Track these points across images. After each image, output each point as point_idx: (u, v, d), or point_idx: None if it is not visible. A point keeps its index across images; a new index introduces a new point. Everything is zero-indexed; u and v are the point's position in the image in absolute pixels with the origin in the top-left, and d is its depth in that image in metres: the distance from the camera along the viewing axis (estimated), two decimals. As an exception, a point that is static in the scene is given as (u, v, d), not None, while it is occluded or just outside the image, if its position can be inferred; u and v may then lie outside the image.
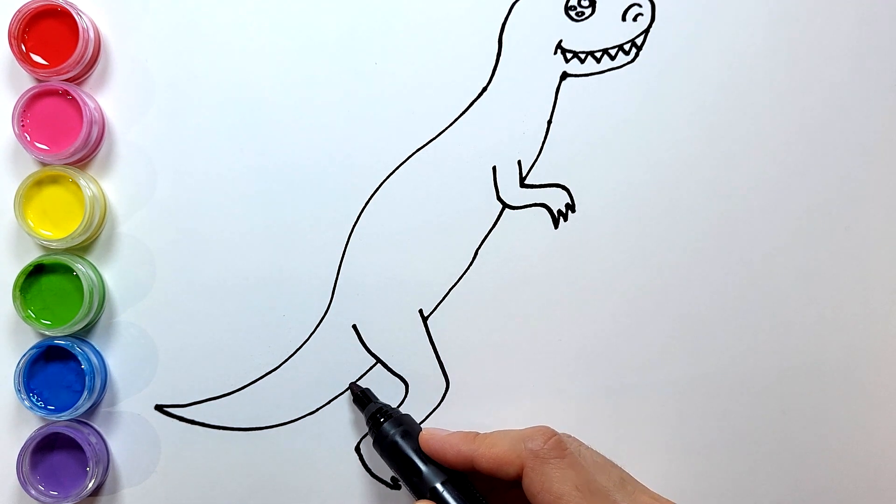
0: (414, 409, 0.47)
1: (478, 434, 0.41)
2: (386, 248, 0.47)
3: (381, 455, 0.43)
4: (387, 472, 0.47)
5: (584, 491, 0.37)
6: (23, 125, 0.45)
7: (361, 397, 0.46)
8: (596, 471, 0.38)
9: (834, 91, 0.47)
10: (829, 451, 0.47)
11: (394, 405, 0.47)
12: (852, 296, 0.47)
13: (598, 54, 0.47)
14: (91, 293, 0.44)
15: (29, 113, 0.45)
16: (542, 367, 0.47)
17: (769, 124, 0.47)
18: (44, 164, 0.46)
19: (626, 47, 0.47)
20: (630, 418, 0.47)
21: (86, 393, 0.44)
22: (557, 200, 0.47)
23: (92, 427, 0.47)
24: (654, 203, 0.47)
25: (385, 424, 0.43)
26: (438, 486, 0.40)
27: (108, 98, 0.47)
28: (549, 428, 0.39)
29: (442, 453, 0.41)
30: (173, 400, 0.47)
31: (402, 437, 0.42)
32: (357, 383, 0.47)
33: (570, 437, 0.40)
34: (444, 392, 0.47)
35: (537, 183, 0.47)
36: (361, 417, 0.47)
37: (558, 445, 0.38)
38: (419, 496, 0.41)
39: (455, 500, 0.40)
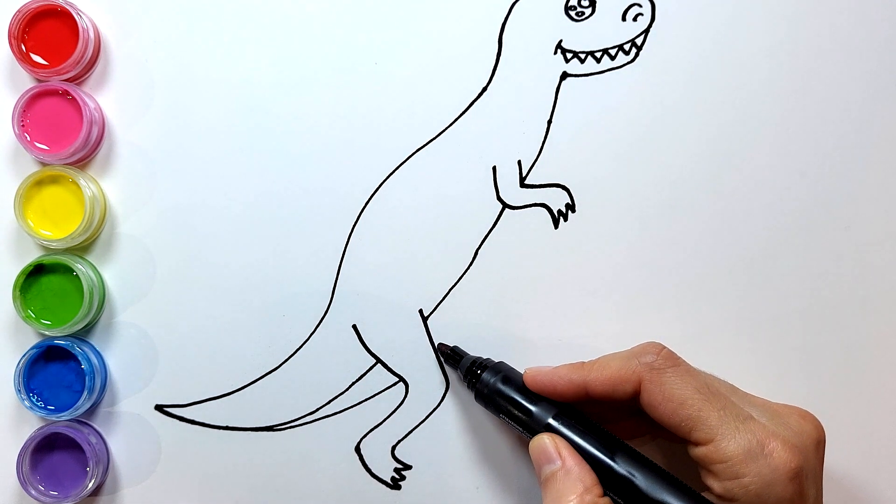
0: (414, 409, 0.47)
1: (583, 362, 0.41)
2: (386, 248, 0.47)
3: (486, 405, 0.44)
4: (387, 472, 0.47)
5: (705, 392, 0.38)
6: (23, 125, 0.45)
7: (452, 355, 0.46)
8: (708, 377, 0.39)
9: (834, 91, 0.47)
10: (829, 450, 0.47)
11: (394, 405, 0.47)
12: (852, 296, 0.47)
13: (598, 54, 0.47)
14: (91, 293, 0.45)
15: (29, 113, 0.45)
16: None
17: (769, 124, 0.47)
18: (44, 164, 0.46)
19: (626, 47, 0.47)
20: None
21: (86, 393, 0.44)
22: (557, 200, 0.47)
23: (92, 427, 0.47)
24: (654, 203, 0.47)
25: (484, 374, 0.43)
26: (552, 420, 0.41)
27: (108, 98, 0.47)
28: (657, 342, 0.40)
29: (552, 386, 0.41)
30: (173, 400, 0.47)
31: (504, 382, 0.43)
32: (443, 343, 0.47)
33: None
34: (444, 392, 0.47)
35: (537, 183, 0.47)
36: (362, 417, 0.47)
37: (671, 356, 0.39)
38: (534, 434, 0.41)
39: (571, 429, 0.40)
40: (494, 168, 0.47)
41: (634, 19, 0.47)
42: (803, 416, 0.38)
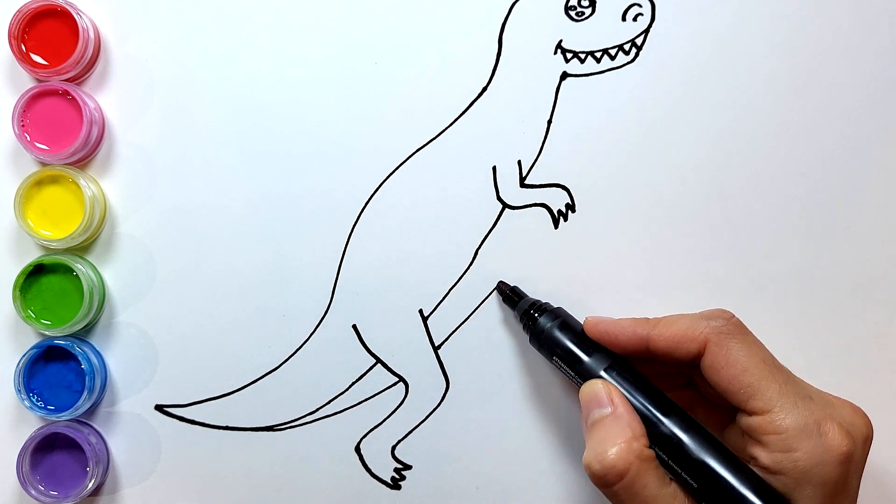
0: (414, 409, 0.47)
1: (648, 318, 0.41)
2: (386, 248, 0.47)
3: (540, 349, 0.44)
4: (387, 472, 0.47)
5: (769, 364, 0.38)
6: (23, 125, 0.45)
7: (511, 296, 0.46)
8: (772, 355, 0.39)
9: (834, 91, 0.47)
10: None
11: (394, 405, 0.47)
12: (852, 296, 0.47)
13: (598, 54, 0.47)
14: (91, 293, 0.45)
15: (29, 113, 0.45)
16: (543, 368, 0.47)
17: (769, 124, 0.47)
18: (44, 164, 0.46)
19: (626, 47, 0.47)
20: (630, 418, 0.47)
21: (86, 393, 0.44)
22: (557, 200, 0.47)
23: (92, 427, 0.47)
24: (654, 203, 0.47)
25: (542, 318, 0.43)
26: (606, 369, 0.41)
27: (108, 98, 0.47)
28: (727, 310, 0.40)
29: (613, 336, 0.41)
30: (173, 400, 0.47)
31: (561, 328, 0.42)
32: (504, 281, 0.46)
33: None
34: (444, 392, 0.47)
35: (537, 183, 0.47)
36: (362, 417, 0.47)
37: (740, 324, 0.39)
38: (585, 381, 0.41)
39: (624, 380, 0.40)
40: (494, 168, 0.47)
41: (634, 19, 0.47)
42: (855, 410, 0.38)
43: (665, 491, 0.37)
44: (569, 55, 0.47)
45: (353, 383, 0.47)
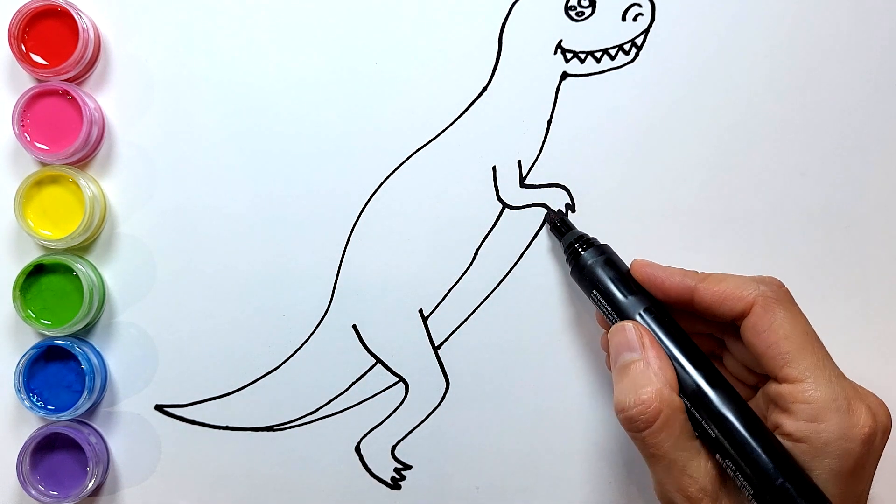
0: (414, 409, 0.47)
1: (696, 271, 0.41)
2: (386, 248, 0.47)
3: (580, 282, 0.43)
4: (387, 472, 0.47)
5: (811, 337, 0.38)
6: (23, 125, 0.45)
7: (560, 226, 0.45)
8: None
9: (834, 91, 0.47)
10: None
11: (394, 405, 0.47)
12: (852, 296, 0.47)
13: (598, 54, 0.47)
14: (91, 293, 0.45)
15: (29, 113, 0.45)
16: (543, 367, 0.47)
17: (769, 124, 0.47)
18: (44, 164, 0.46)
19: (626, 47, 0.47)
20: (630, 418, 0.47)
21: (86, 393, 0.44)
22: (557, 200, 0.47)
23: (92, 427, 0.47)
24: (653, 203, 0.47)
25: (587, 252, 0.43)
26: (644, 312, 0.40)
27: (108, 98, 0.47)
28: (777, 278, 0.40)
29: (659, 280, 0.41)
30: (173, 400, 0.47)
31: (606, 264, 0.42)
32: (553, 210, 0.46)
33: None
34: (444, 392, 0.47)
35: (537, 183, 0.47)
36: (362, 417, 0.47)
37: (789, 295, 0.39)
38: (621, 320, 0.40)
39: (661, 326, 0.40)
40: (494, 168, 0.47)
41: (634, 19, 0.47)
42: (879, 401, 0.38)
43: (691, 444, 0.37)
44: (569, 55, 0.47)
45: (353, 383, 0.47)
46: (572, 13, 0.47)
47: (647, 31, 0.47)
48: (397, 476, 0.47)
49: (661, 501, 0.38)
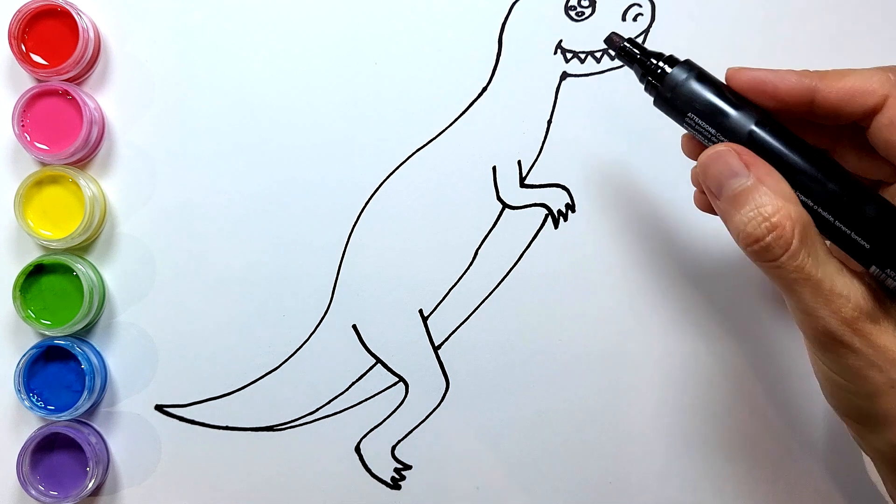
0: (414, 409, 0.47)
1: (809, 70, 0.35)
2: (386, 248, 0.47)
3: (670, 109, 0.36)
4: (387, 472, 0.47)
5: None
6: (23, 125, 0.45)
7: (626, 48, 0.37)
8: None
9: (834, 91, 0.47)
10: (828, 450, 0.47)
11: (394, 405, 0.47)
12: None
13: (598, 54, 0.47)
14: (91, 293, 0.45)
15: (29, 113, 0.45)
16: (543, 367, 0.47)
17: (769, 124, 0.47)
18: (44, 164, 0.46)
19: (627, 47, 0.47)
20: (631, 418, 0.47)
21: (86, 393, 0.44)
22: (557, 200, 0.47)
23: (92, 427, 0.47)
24: (654, 203, 0.47)
25: (675, 69, 0.36)
26: (755, 127, 0.34)
27: (108, 98, 0.47)
28: None
29: (771, 85, 0.35)
30: (173, 400, 0.47)
31: (700, 79, 0.35)
32: (616, 33, 0.38)
33: None
34: (443, 392, 0.47)
35: (537, 183, 0.47)
36: (362, 417, 0.47)
37: None
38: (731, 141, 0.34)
39: (779, 137, 0.34)
40: (494, 168, 0.47)
41: (634, 19, 0.47)
42: None
43: (832, 263, 0.32)
44: (569, 55, 0.47)
45: (353, 383, 0.47)
46: (572, 13, 0.47)
47: (647, 31, 0.47)
48: (397, 476, 0.47)
49: (811, 335, 0.33)
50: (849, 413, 0.35)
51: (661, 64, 0.36)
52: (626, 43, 0.38)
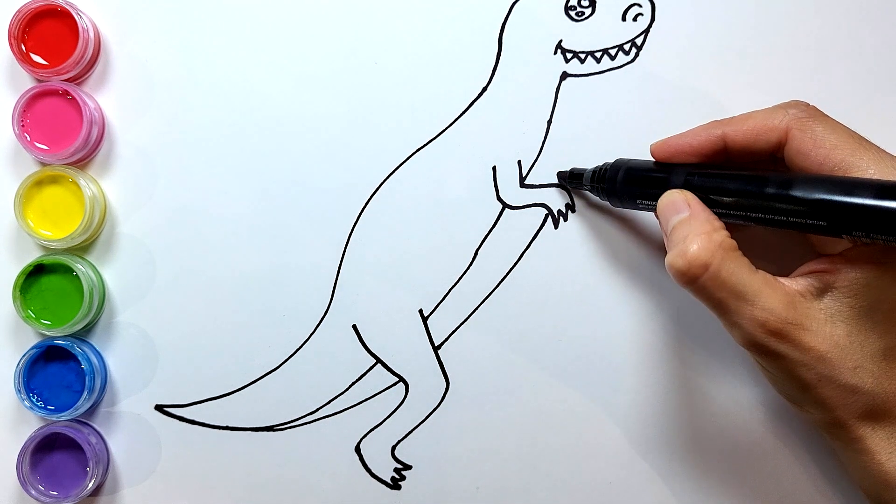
0: (414, 409, 0.47)
1: (716, 120, 0.40)
2: (386, 248, 0.47)
3: (624, 204, 0.43)
4: (387, 472, 0.47)
5: (858, 139, 0.37)
6: (23, 125, 0.45)
7: (574, 176, 0.46)
8: None
9: (834, 91, 0.47)
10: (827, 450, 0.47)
11: (394, 405, 0.47)
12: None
13: (598, 54, 0.47)
14: (91, 293, 0.45)
15: (29, 113, 0.45)
16: (542, 368, 0.47)
17: (769, 124, 0.47)
18: (44, 164, 0.46)
19: (626, 47, 0.47)
20: (631, 418, 0.47)
21: (86, 393, 0.44)
22: (557, 200, 0.47)
23: (92, 427, 0.47)
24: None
25: (608, 173, 0.43)
26: (687, 179, 0.39)
27: (108, 98, 0.47)
28: (801, 100, 0.39)
29: (686, 145, 0.40)
30: (173, 400, 0.47)
31: (629, 171, 0.42)
32: (561, 170, 0.47)
33: None
34: (443, 392, 0.47)
35: (537, 183, 0.47)
36: (362, 417, 0.47)
37: (819, 110, 0.38)
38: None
39: (710, 177, 0.39)
40: (494, 168, 0.47)
41: (634, 19, 0.47)
42: None
43: (754, 277, 0.36)
44: (569, 55, 0.47)
45: (353, 383, 0.47)
46: (572, 13, 0.47)
47: (647, 31, 0.47)
48: (397, 476, 0.47)
49: (743, 345, 0.37)
50: (789, 398, 0.40)
51: (597, 175, 0.43)
52: (567, 175, 0.46)
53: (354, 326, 0.47)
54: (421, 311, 0.47)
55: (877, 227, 0.33)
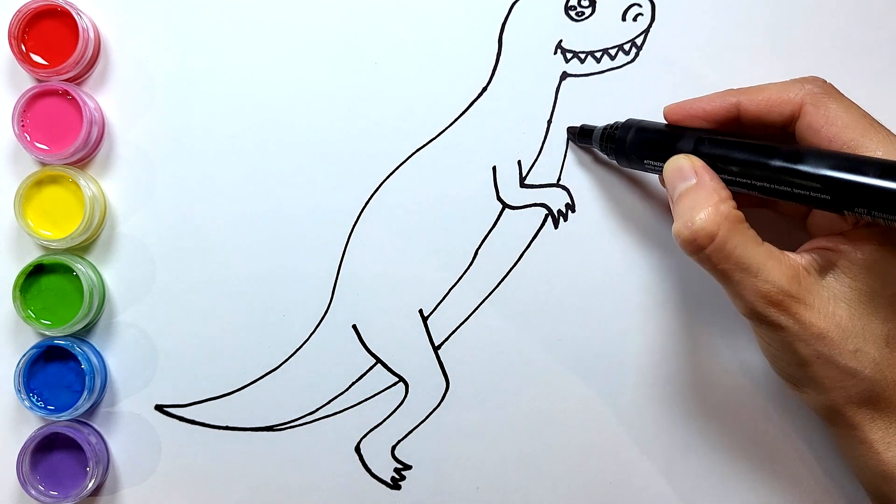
0: (414, 409, 0.47)
1: (733, 88, 0.40)
2: (386, 248, 0.47)
3: (632, 164, 0.43)
4: (387, 472, 0.47)
5: (870, 120, 0.37)
6: (23, 125, 0.45)
7: (583, 132, 0.45)
8: None
9: (834, 91, 0.47)
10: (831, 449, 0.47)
11: (394, 405, 0.47)
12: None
13: (598, 54, 0.47)
14: (91, 293, 0.45)
15: (29, 113, 0.45)
16: (542, 368, 0.47)
17: (769, 124, 0.47)
18: (44, 164, 0.46)
19: (626, 47, 0.47)
20: (631, 418, 0.47)
21: (86, 393, 0.44)
22: (557, 200, 0.47)
23: (92, 427, 0.47)
24: (653, 203, 0.47)
25: (618, 133, 0.43)
26: (697, 144, 0.39)
27: (108, 98, 0.47)
28: (817, 76, 0.39)
29: (700, 110, 0.40)
30: (173, 400, 0.47)
31: (640, 130, 0.42)
32: (572, 125, 0.46)
33: None
34: (444, 392, 0.47)
35: (537, 183, 0.47)
36: (362, 417, 0.47)
37: (834, 87, 0.38)
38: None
39: (719, 146, 0.39)
40: (494, 168, 0.47)
41: (634, 19, 0.47)
42: None
43: (759, 250, 0.36)
44: (569, 55, 0.47)
45: (353, 383, 0.47)
46: (572, 13, 0.47)
47: (647, 31, 0.47)
48: (397, 476, 0.47)
49: (745, 314, 0.38)
50: (785, 377, 0.40)
51: (607, 133, 0.43)
52: (578, 130, 0.46)
53: (354, 326, 0.47)
54: (421, 311, 0.47)
55: (879, 205, 0.34)
